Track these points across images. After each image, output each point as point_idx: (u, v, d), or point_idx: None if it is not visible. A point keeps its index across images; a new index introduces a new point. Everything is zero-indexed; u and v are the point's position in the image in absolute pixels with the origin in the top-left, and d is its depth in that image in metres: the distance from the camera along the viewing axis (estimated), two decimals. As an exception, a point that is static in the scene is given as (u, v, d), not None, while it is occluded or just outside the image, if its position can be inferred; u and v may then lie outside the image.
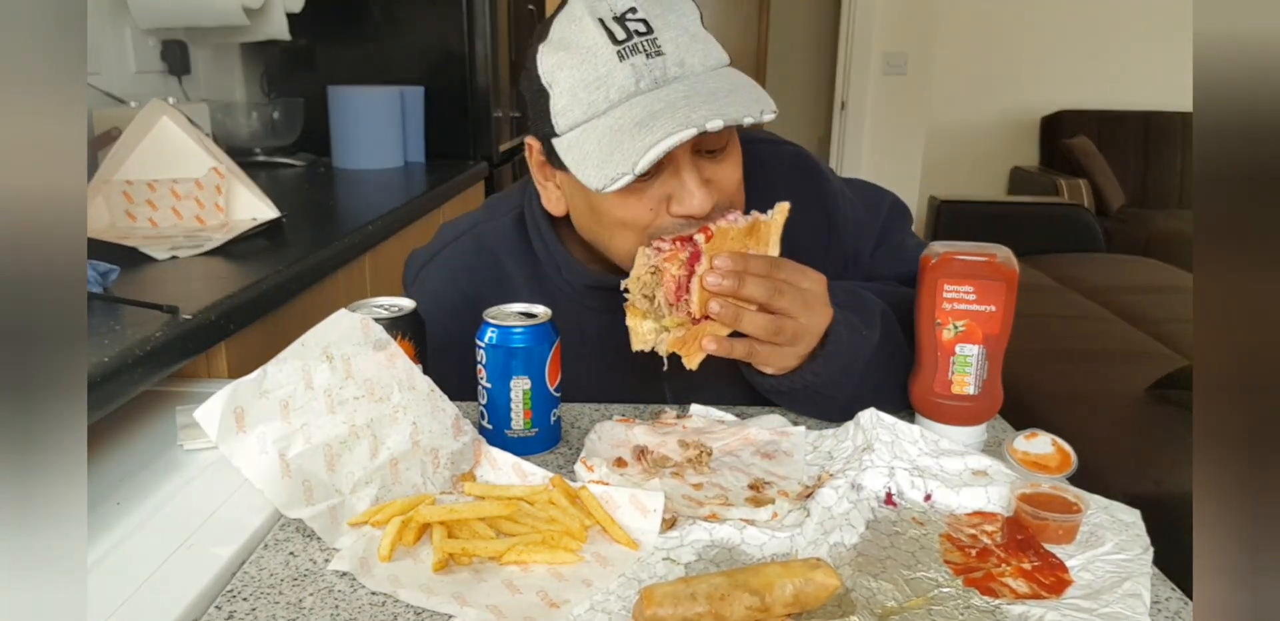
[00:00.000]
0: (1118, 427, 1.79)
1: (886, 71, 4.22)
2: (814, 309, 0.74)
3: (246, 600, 0.55)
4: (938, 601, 0.55)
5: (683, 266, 0.71)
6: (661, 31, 0.73)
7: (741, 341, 0.74)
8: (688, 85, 0.73)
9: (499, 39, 2.32)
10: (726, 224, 0.73)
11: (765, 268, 0.72)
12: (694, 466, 0.72)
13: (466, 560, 0.59)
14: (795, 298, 0.73)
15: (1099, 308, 2.62)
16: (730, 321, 0.72)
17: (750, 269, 0.71)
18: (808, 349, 0.76)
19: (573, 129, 0.75)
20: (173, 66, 1.94)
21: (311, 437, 0.63)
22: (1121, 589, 0.55)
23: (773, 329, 0.72)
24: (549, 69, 0.75)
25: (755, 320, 0.72)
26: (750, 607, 0.51)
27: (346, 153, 2.12)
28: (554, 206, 0.86)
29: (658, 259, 0.71)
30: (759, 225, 0.75)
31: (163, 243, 1.21)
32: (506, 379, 0.74)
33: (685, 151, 0.74)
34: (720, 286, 0.70)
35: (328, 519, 0.62)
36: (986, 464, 0.70)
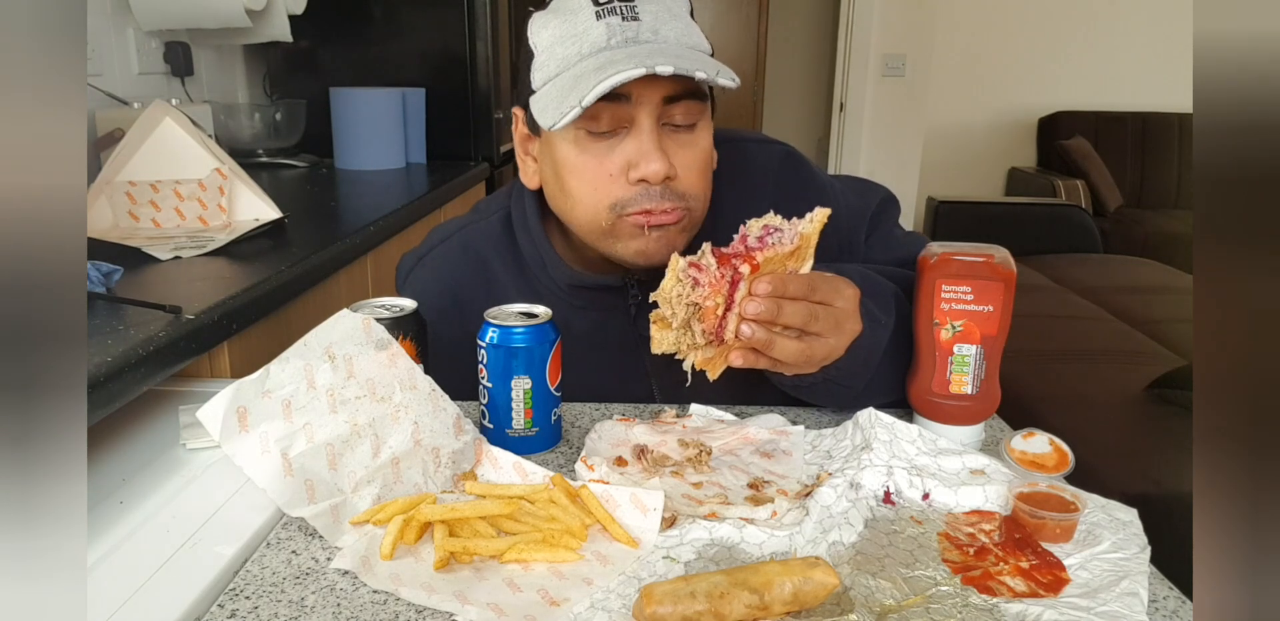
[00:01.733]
0: (1115, 427, 1.80)
1: (885, 73, 4.23)
2: (844, 328, 0.74)
3: (249, 598, 0.56)
4: (936, 599, 0.56)
5: (724, 297, 0.70)
6: (643, 4, 0.77)
7: (767, 357, 0.73)
8: (656, 47, 0.76)
9: (500, 41, 2.32)
10: (772, 252, 0.71)
11: (803, 290, 0.71)
12: (694, 465, 0.72)
13: (468, 558, 0.59)
14: (828, 319, 0.72)
15: (1096, 308, 2.62)
16: (764, 348, 0.71)
17: (789, 292, 0.70)
18: (830, 361, 0.76)
19: (545, 84, 0.78)
20: (175, 68, 1.95)
21: (314, 437, 0.63)
22: (1119, 587, 0.56)
23: (804, 358, 0.72)
24: (536, 30, 0.80)
25: (787, 348, 0.71)
26: (750, 606, 0.52)
27: (348, 154, 2.12)
28: (530, 179, 0.88)
29: (697, 296, 0.69)
30: (800, 243, 0.72)
31: (166, 243, 1.21)
32: (507, 378, 0.74)
33: (648, 116, 0.76)
34: (760, 315, 0.69)
35: (329, 517, 0.62)
36: (984, 463, 0.70)
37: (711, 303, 0.69)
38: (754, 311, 0.69)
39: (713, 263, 0.69)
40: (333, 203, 1.77)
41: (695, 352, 0.72)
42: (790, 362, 0.73)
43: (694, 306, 0.69)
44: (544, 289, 0.90)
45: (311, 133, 2.14)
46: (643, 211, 0.78)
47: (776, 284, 0.70)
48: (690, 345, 0.71)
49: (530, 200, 0.89)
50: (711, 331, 0.71)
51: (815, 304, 0.72)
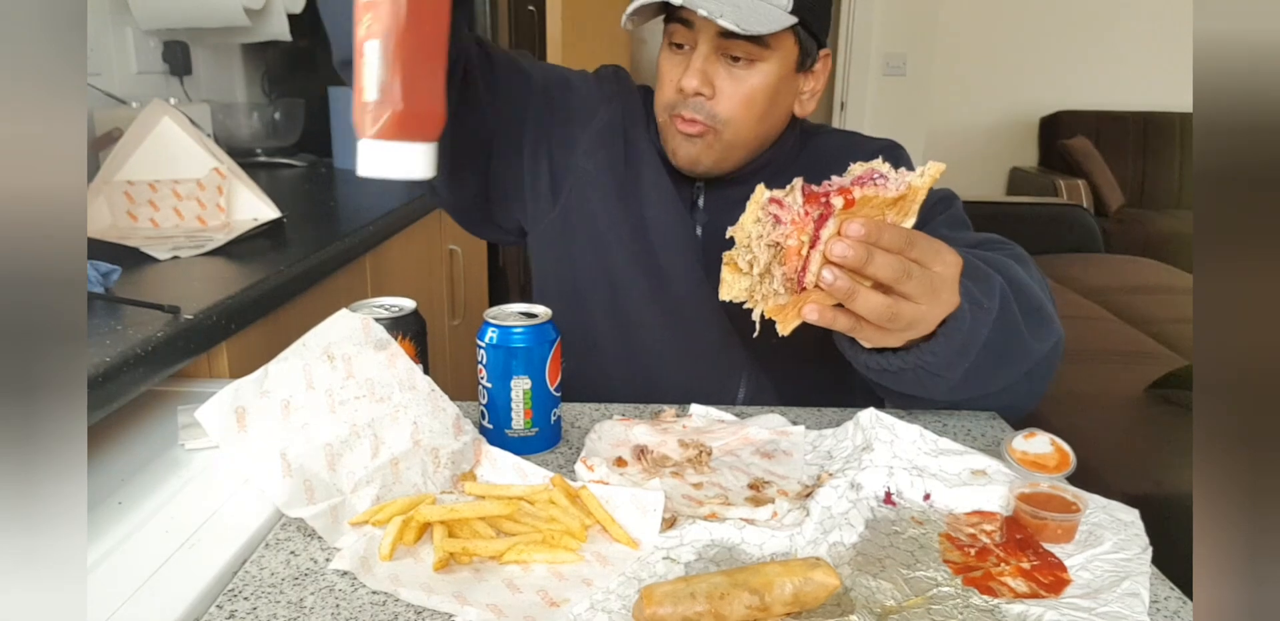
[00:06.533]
0: (1116, 427, 1.79)
1: (886, 72, 4.23)
2: (939, 296, 0.67)
3: (248, 599, 0.55)
4: (937, 600, 0.55)
5: (808, 235, 0.62)
6: None
7: (846, 314, 0.67)
8: None
9: (499, 40, 2.32)
10: (872, 191, 0.63)
11: (900, 243, 0.64)
12: (694, 466, 0.72)
13: (467, 559, 0.59)
14: (923, 281, 0.65)
15: (1097, 307, 2.62)
16: (844, 297, 0.64)
17: (883, 242, 0.63)
18: (919, 335, 0.70)
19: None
20: (174, 67, 1.94)
21: (312, 437, 0.63)
22: (1120, 588, 0.56)
23: (888, 315, 0.65)
24: None
25: (870, 301, 0.64)
26: (750, 606, 0.52)
27: (347, 153, 2.12)
28: None
29: (778, 234, 0.61)
30: (906, 193, 0.65)
31: (164, 243, 1.21)
32: (507, 379, 0.74)
33: (706, 42, 0.87)
34: (846, 259, 0.62)
35: (329, 518, 0.62)
36: (985, 463, 0.70)
37: (794, 241, 0.62)
38: (840, 253, 0.62)
39: (799, 199, 0.62)
40: (331, 202, 1.77)
41: (766, 301, 0.64)
42: (872, 321, 0.66)
43: (775, 248, 0.62)
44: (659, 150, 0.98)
45: (310, 132, 2.14)
46: (678, 116, 0.91)
47: (871, 228, 0.62)
48: (766, 294, 0.64)
49: None
50: (793, 275, 0.63)
51: (911, 262, 0.65)
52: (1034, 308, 0.78)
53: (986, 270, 0.74)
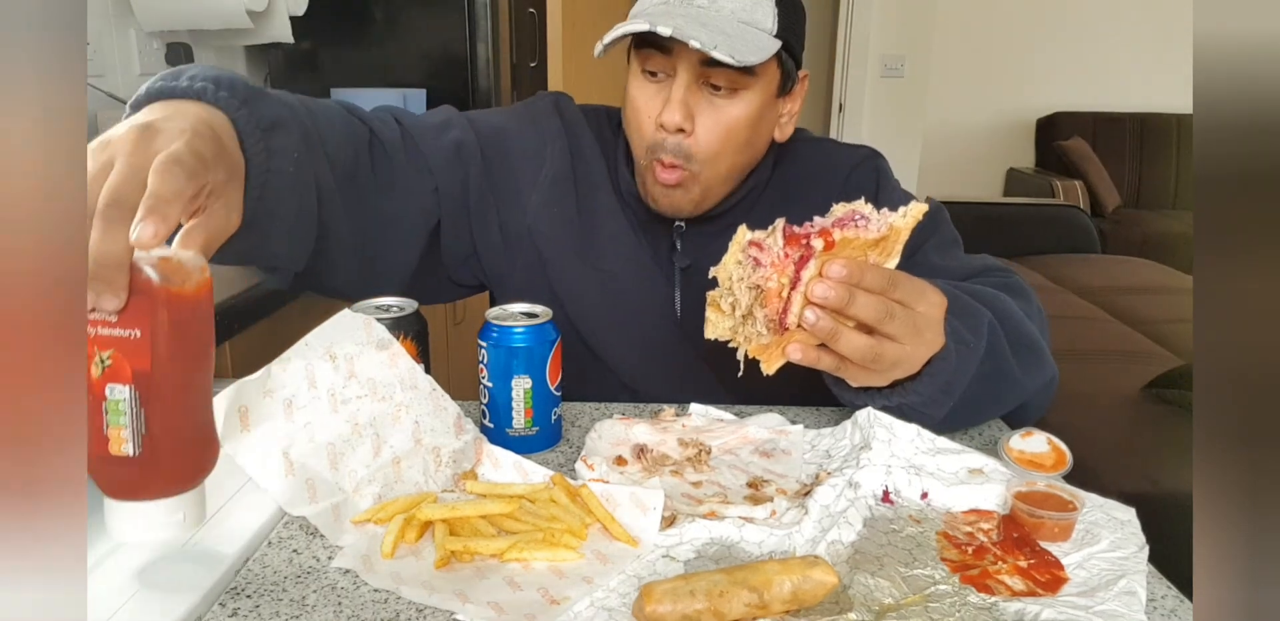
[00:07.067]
0: (1113, 426, 1.80)
1: (884, 74, 4.24)
2: (923, 336, 0.67)
3: (250, 597, 0.56)
4: (934, 598, 0.56)
5: (789, 277, 0.63)
6: None
7: (830, 353, 0.66)
8: (697, 13, 0.80)
9: (500, 42, 2.32)
10: (853, 233, 0.63)
11: (882, 283, 0.64)
12: (693, 465, 0.73)
13: (468, 557, 0.60)
14: (906, 322, 0.65)
15: (1094, 308, 2.63)
16: (827, 337, 0.64)
17: (865, 283, 0.63)
18: (904, 375, 0.70)
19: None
20: (175, 68, 1.95)
21: (315, 436, 0.64)
22: (1117, 586, 0.56)
23: (871, 355, 0.65)
24: None
25: (853, 341, 0.64)
26: (749, 604, 0.52)
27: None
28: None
29: (758, 276, 0.62)
30: (888, 234, 0.65)
31: (164, 243, 1.21)
32: (508, 378, 0.74)
33: (686, 71, 0.81)
34: (828, 300, 0.62)
35: (331, 517, 0.62)
36: (982, 462, 0.70)
37: (774, 284, 0.62)
38: (822, 295, 0.62)
39: (779, 241, 0.62)
40: (332, 203, 1.77)
41: (749, 341, 0.64)
42: (856, 361, 0.65)
43: (756, 290, 0.62)
44: (624, 188, 0.94)
45: (311, 133, 2.14)
46: (657, 161, 0.85)
47: (853, 269, 0.62)
48: (749, 336, 0.64)
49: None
50: (775, 317, 0.63)
51: (894, 302, 0.65)
52: (1025, 345, 0.77)
53: (975, 306, 0.74)
